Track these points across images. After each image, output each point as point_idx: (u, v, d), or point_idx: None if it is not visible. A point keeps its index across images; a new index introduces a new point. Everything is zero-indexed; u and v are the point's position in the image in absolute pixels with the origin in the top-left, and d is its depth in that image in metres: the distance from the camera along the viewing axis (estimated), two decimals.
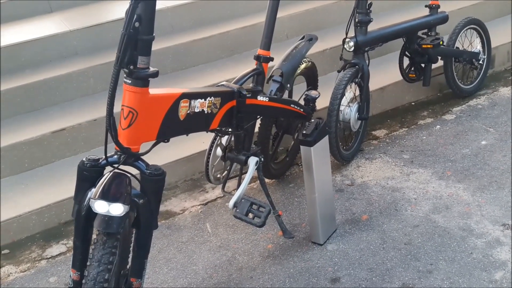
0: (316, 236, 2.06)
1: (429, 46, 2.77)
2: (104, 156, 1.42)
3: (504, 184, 2.26)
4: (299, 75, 2.45)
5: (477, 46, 3.14)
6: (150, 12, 1.34)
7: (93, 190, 1.35)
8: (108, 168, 1.43)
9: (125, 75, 1.39)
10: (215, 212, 2.39)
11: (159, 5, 1.78)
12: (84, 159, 1.42)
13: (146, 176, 1.43)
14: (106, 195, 1.29)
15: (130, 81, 1.37)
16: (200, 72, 3.31)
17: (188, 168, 2.67)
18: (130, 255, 1.53)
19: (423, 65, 2.94)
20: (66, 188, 2.41)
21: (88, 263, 1.35)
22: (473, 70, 3.18)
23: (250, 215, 1.90)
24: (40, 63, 3.21)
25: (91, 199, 1.31)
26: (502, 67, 3.50)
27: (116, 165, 1.41)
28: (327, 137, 2.01)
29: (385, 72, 3.21)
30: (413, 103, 3.22)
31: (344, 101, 2.51)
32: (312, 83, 2.61)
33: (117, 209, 1.29)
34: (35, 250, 2.30)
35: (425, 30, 2.90)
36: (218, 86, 1.88)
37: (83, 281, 1.34)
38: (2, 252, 2.31)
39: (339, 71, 2.55)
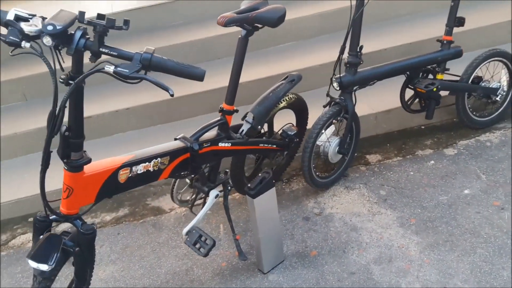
0: (261, 265, 2.33)
1: (421, 91, 2.73)
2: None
3: (457, 246, 2.32)
4: (282, 109, 2.60)
5: (501, 79, 3.00)
6: (78, 122, 1.62)
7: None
8: None
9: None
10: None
11: None
12: (37, 215, 1.78)
13: (80, 233, 1.78)
14: (35, 256, 1.65)
15: (66, 167, 1.68)
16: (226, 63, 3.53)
17: None
18: None
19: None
20: None
21: None
22: (493, 103, 3.06)
23: (198, 245, 2.20)
24: None
25: (26, 257, 1.70)
26: None
27: (57, 223, 1.78)
28: (273, 189, 2.20)
29: (395, 91, 3.20)
30: (422, 127, 3.21)
31: (325, 136, 2.63)
32: (300, 116, 2.76)
33: (43, 267, 1.66)
34: None
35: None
36: (176, 139, 2.10)
37: None
38: (28, 220, 2.86)
39: (324, 107, 2.65)
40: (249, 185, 2.18)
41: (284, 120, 2.74)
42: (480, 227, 2.40)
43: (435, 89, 2.70)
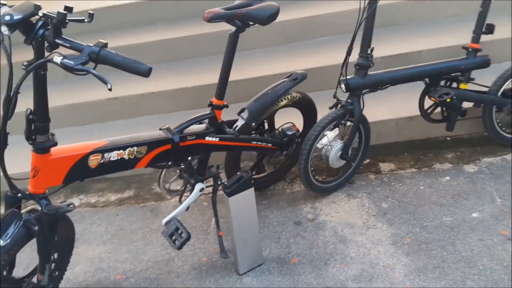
0: (237, 265, 2.29)
1: (434, 100, 2.50)
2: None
3: (447, 275, 2.12)
4: (284, 108, 2.51)
5: None
6: (42, 107, 1.67)
7: None
8: None
9: None
10: (191, 207, 2.71)
11: None
12: (7, 191, 1.86)
13: (42, 213, 1.84)
14: None
15: (33, 149, 1.74)
16: (254, 56, 3.46)
17: None
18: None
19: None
20: None
21: None
22: None
23: (174, 237, 2.21)
24: None
25: None
26: None
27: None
28: (251, 190, 2.14)
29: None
30: (448, 138, 2.97)
31: (326, 139, 2.51)
32: (307, 116, 2.65)
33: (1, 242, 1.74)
34: (60, 198, 2.95)
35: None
36: (161, 129, 2.10)
37: None
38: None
39: (330, 108, 2.52)
40: (225, 182, 2.14)
41: (290, 119, 2.65)
42: (478, 257, 2.18)
43: (448, 100, 2.47)
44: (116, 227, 2.68)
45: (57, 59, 1.48)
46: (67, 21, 1.51)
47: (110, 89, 1.41)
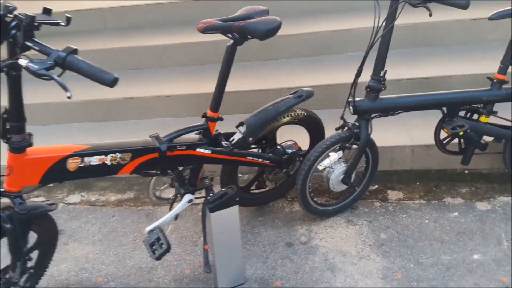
0: (216, 282, 2.21)
1: (447, 132, 2.32)
2: None
3: None
4: (288, 125, 2.42)
5: None
6: (16, 107, 1.65)
7: None
8: None
9: None
10: (186, 216, 2.67)
11: None
12: None
13: (15, 211, 1.83)
14: None
15: (8, 147, 1.74)
16: (281, 66, 3.40)
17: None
18: None
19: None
20: None
21: None
22: None
23: (154, 247, 2.16)
24: None
25: None
26: None
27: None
28: (236, 207, 2.05)
29: None
30: (466, 171, 2.77)
31: (328, 161, 2.39)
32: (313, 135, 2.56)
33: None
34: (63, 193, 2.98)
35: None
36: (150, 137, 2.06)
37: None
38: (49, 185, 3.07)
39: (336, 129, 2.40)
40: (208, 197, 2.07)
41: (298, 137, 2.57)
42: None
43: (462, 133, 2.29)
44: (109, 228, 2.67)
45: (23, 61, 1.45)
46: (36, 23, 1.48)
47: (69, 97, 1.37)
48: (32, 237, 1.98)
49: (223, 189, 2.07)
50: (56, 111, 3.40)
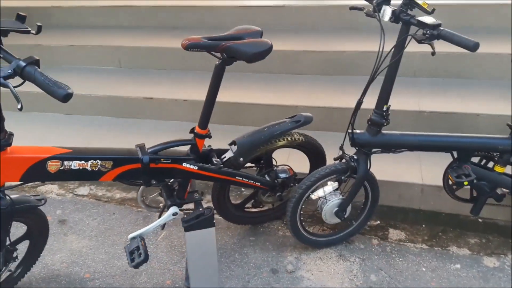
0: None
1: (450, 179, 2.15)
2: None
3: None
4: (282, 148, 2.35)
5: None
6: None
7: None
8: None
9: None
10: (179, 225, 2.66)
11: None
12: None
13: None
14: None
15: None
16: (303, 82, 3.33)
17: None
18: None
19: None
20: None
21: None
22: None
23: (133, 255, 2.16)
24: None
25: None
26: None
27: None
28: (212, 229, 2.01)
29: None
30: (480, 220, 2.58)
31: (322, 192, 2.29)
32: (313, 160, 2.47)
33: None
34: (74, 184, 3.06)
35: None
36: (136, 146, 2.06)
37: None
38: None
39: (334, 160, 2.30)
40: (185, 216, 2.04)
41: (296, 162, 2.49)
42: None
43: (466, 183, 2.12)
44: (107, 226, 2.71)
45: None
46: (3, 29, 1.51)
47: (20, 109, 1.38)
48: (22, 227, 2.06)
49: (201, 209, 2.03)
50: (79, 102, 3.50)
